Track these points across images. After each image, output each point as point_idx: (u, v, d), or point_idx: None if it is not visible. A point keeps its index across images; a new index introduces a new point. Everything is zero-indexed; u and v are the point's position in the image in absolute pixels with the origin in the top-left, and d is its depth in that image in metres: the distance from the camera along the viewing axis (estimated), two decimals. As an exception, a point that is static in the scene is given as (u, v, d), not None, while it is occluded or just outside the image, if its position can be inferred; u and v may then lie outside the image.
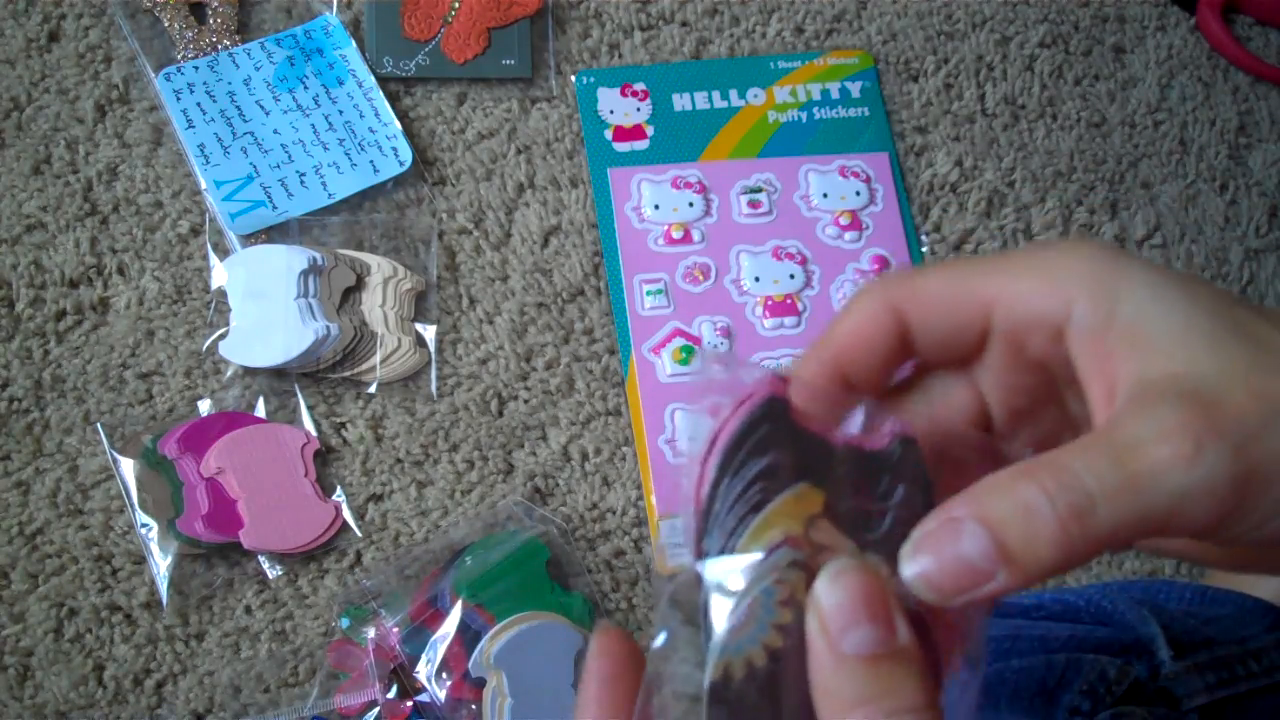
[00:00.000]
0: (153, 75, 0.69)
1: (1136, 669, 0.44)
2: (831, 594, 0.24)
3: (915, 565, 0.24)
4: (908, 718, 0.23)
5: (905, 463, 0.27)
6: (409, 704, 0.59)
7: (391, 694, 0.59)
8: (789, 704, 0.25)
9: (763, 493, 0.26)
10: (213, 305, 0.67)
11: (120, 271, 0.67)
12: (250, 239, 0.68)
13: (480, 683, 0.59)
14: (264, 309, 0.65)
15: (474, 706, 0.59)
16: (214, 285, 0.67)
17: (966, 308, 0.28)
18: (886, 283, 0.29)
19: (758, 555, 0.25)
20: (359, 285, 0.67)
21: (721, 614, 0.25)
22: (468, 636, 0.59)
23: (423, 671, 0.59)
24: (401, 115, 0.72)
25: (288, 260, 0.65)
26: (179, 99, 0.69)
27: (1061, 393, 0.29)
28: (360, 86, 0.71)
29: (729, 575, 0.25)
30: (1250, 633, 0.47)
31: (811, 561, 0.25)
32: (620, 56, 0.75)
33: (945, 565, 0.24)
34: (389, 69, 0.71)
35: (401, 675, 0.60)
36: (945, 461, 0.27)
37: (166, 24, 0.70)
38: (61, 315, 0.66)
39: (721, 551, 0.26)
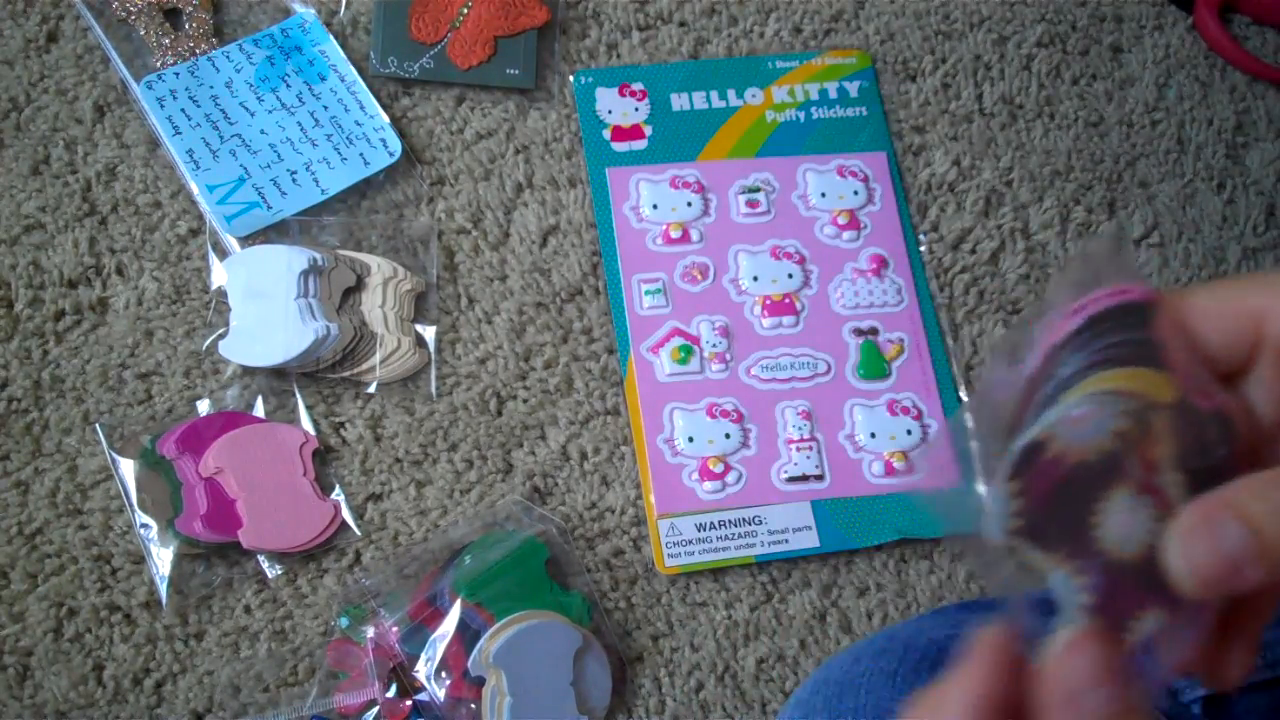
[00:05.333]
0: (134, 84, 0.69)
1: None
2: (1066, 663, 0.27)
3: (1180, 556, 0.26)
4: None
5: (1228, 432, 0.29)
6: (408, 703, 0.59)
7: (391, 693, 0.59)
8: (1068, 513, 0.28)
9: (1134, 355, 0.28)
10: (212, 305, 0.67)
11: (119, 272, 0.67)
12: (249, 240, 0.68)
13: (479, 681, 0.59)
14: (264, 309, 0.65)
15: (473, 705, 0.59)
16: (213, 285, 0.67)
17: (1238, 321, 0.29)
18: (1160, 296, 0.30)
19: (1111, 386, 0.28)
20: (359, 286, 0.67)
21: (1057, 409, 0.28)
22: (467, 635, 0.59)
23: (422, 670, 0.59)
24: (400, 115, 0.72)
25: (288, 260, 0.66)
26: (162, 106, 0.69)
27: None
28: (343, 81, 0.71)
29: (1069, 389, 0.28)
30: None
31: (1145, 431, 0.28)
32: (618, 56, 0.75)
33: (1209, 556, 0.26)
34: (393, 69, 0.72)
35: (401, 674, 0.60)
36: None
37: (142, 32, 0.70)
38: (60, 315, 0.66)
39: (1081, 369, 0.28)
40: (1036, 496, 0.28)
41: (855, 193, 0.73)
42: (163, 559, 0.61)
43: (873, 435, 0.68)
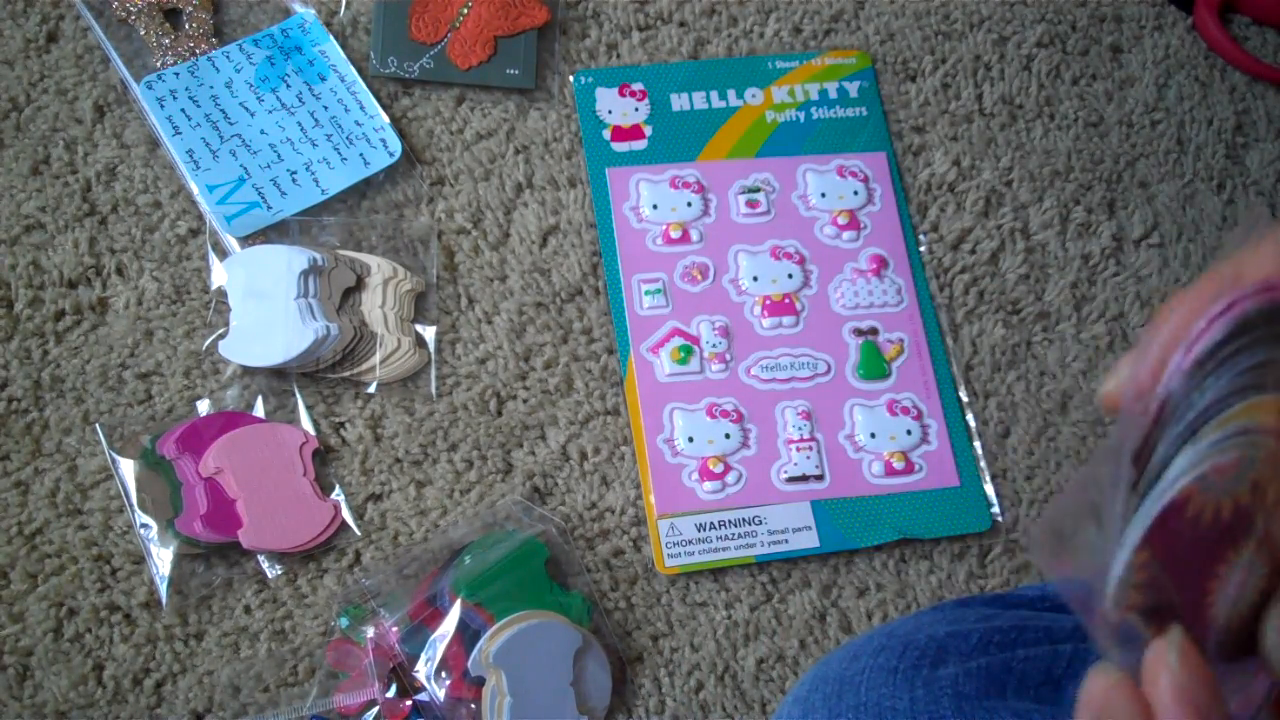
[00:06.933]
0: (134, 84, 0.69)
1: None
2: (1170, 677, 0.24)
3: (1275, 643, 0.23)
4: None
5: None
6: (408, 703, 0.59)
7: (391, 693, 0.59)
8: (1192, 577, 0.24)
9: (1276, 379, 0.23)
10: (212, 305, 0.67)
11: (119, 272, 0.67)
12: (249, 240, 0.68)
13: (479, 681, 0.59)
14: (264, 309, 0.65)
15: (473, 705, 0.59)
16: (213, 285, 0.67)
17: None
18: None
19: (1259, 421, 0.23)
20: (359, 286, 0.67)
21: (1195, 449, 0.23)
22: (467, 635, 0.59)
23: (422, 670, 0.59)
24: (400, 115, 0.72)
25: (288, 260, 0.66)
26: (162, 106, 0.69)
27: None
28: (343, 81, 0.71)
29: (1212, 420, 0.23)
30: None
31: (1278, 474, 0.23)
32: (618, 56, 0.75)
33: None
34: (393, 69, 0.72)
35: (400, 674, 0.60)
36: None
37: (142, 32, 0.70)
38: (60, 315, 0.66)
39: (1224, 396, 0.23)
40: (1164, 565, 0.24)
41: (855, 193, 0.73)
42: (163, 559, 0.61)
43: (872, 435, 0.68)
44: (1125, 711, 0.25)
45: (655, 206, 0.71)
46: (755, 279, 0.70)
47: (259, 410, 0.65)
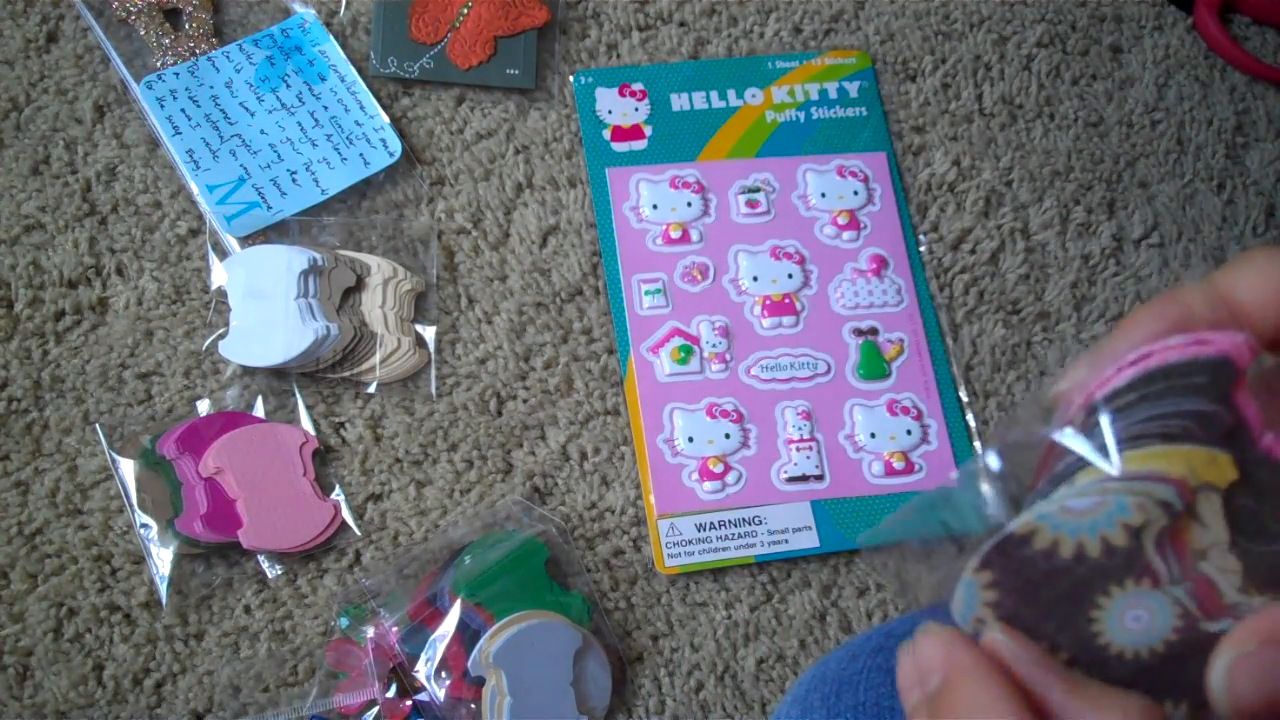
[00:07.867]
0: (134, 84, 0.69)
1: None
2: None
3: (1226, 686, 0.22)
4: None
5: None
6: (408, 703, 0.59)
7: (391, 693, 0.59)
8: (1057, 607, 0.24)
9: (1185, 431, 0.24)
10: (212, 305, 0.67)
11: (119, 272, 0.67)
12: (249, 240, 0.68)
13: (479, 681, 0.59)
14: (264, 309, 0.65)
15: (473, 705, 0.59)
16: (213, 285, 0.67)
17: None
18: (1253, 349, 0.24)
19: (1140, 469, 0.23)
20: (359, 286, 0.67)
21: (1068, 490, 0.24)
22: (467, 635, 0.59)
23: (422, 670, 0.59)
24: (400, 115, 0.72)
25: (288, 260, 0.66)
26: (162, 106, 0.69)
27: None
28: (343, 81, 0.71)
29: (1104, 466, 0.24)
30: None
31: (1180, 520, 0.24)
32: (618, 56, 0.75)
33: (1259, 692, 0.22)
34: (393, 69, 0.72)
35: (400, 674, 0.60)
36: None
37: (142, 32, 0.70)
38: (60, 315, 0.66)
39: (1117, 443, 0.24)
40: (1014, 590, 0.25)
41: (855, 193, 0.73)
42: (163, 559, 0.61)
43: (872, 435, 0.68)
44: (973, 668, 0.25)
45: (655, 206, 0.71)
46: (755, 279, 0.70)
47: (259, 410, 0.65)
